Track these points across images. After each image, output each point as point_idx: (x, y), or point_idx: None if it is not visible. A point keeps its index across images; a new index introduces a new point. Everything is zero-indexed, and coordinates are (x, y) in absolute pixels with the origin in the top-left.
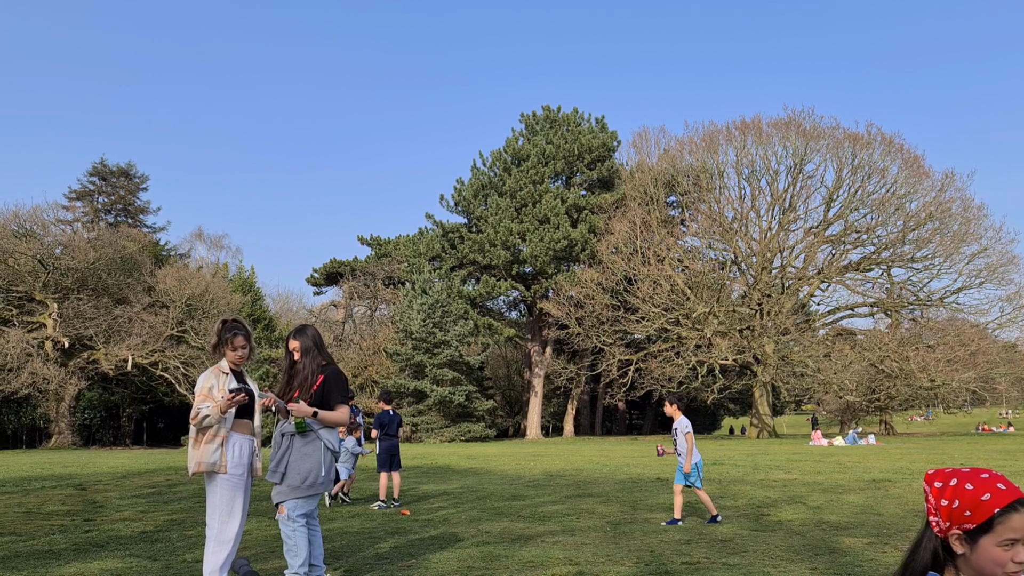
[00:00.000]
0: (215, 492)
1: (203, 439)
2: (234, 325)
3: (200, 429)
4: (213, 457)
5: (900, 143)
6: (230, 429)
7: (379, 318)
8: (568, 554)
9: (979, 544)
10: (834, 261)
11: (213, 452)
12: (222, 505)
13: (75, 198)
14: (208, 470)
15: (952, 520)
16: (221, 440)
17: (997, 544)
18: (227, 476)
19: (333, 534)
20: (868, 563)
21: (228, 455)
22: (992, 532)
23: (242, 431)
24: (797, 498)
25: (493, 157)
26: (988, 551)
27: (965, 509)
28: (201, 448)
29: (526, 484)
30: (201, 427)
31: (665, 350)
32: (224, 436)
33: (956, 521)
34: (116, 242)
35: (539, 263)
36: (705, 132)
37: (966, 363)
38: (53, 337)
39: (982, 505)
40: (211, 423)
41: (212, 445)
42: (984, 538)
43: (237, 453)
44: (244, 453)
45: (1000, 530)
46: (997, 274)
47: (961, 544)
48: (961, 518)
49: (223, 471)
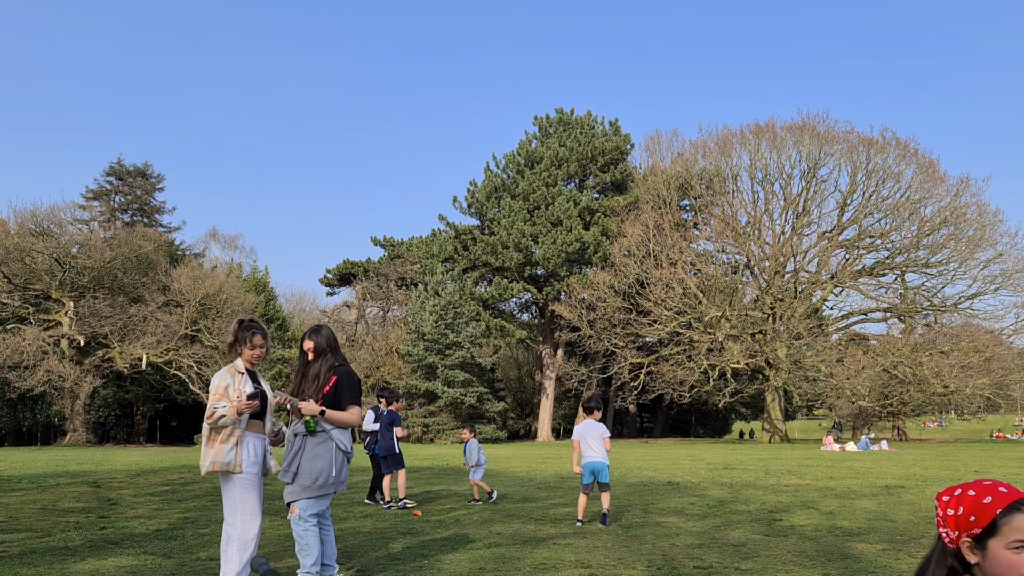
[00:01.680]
0: (234, 492)
1: (218, 438)
2: (252, 324)
3: (214, 428)
4: (228, 457)
5: (915, 148)
6: (244, 429)
7: (391, 319)
8: (580, 556)
9: (989, 548)
10: (848, 266)
11: (228, 452)
12: (243, 505)
13: (92, 197)
14: (223, 470)
15: (960, 528)
16: (236, 440)
17: (1006, 547)
18: (243, 475)
19: (345, 534)
20: (882, 569)
21: (243, 454)
22: (998, 534)
23: (255, 431)
24: (809, 503)
25: (506, 159)
26: (998, 554)
27: (970, 515)
28: (216, 447)
29: (537, 486)
30: (216, 426)
31: (677, 353)
32: (239, 436)
33: (963, 528)
34: (132, 241)
35: (551, 265)
36: (719, 136)
37: (980, 369)
38: (69, 335)
39: (985, 508)
40: (226, 423)
41: (227, 445)
42: (992, 541)
43: (252, 452)
44: (258, 452)
45: (1006, 531)
46: (1013, 280)
47: (972, 552)
48: (967, 524)
49: (238, 470)
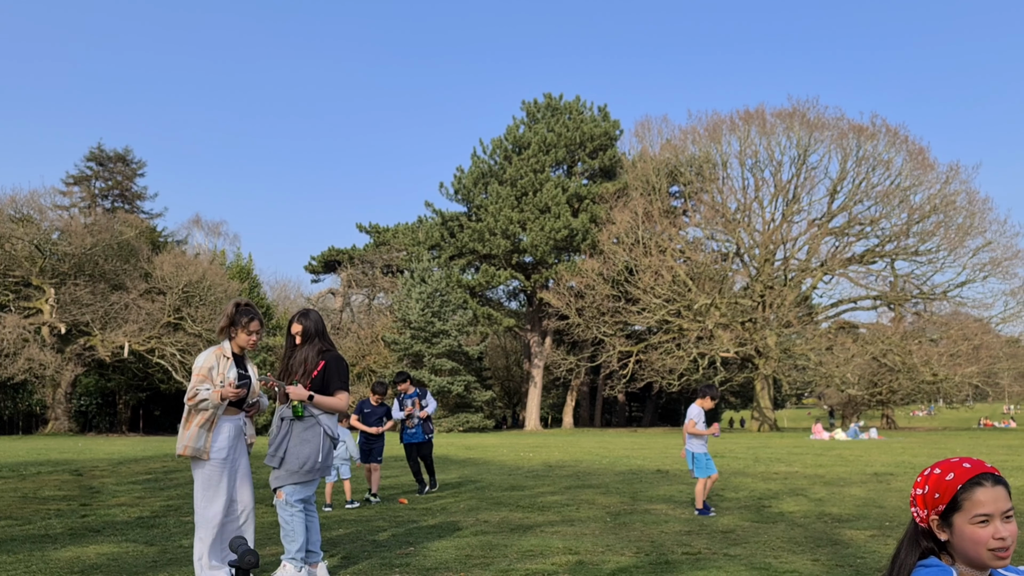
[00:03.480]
0: (198, 476)
1: (194, 421)
2: (248, 309)
3: (193, 409)
4: (199, 442)
5: (905, 135)
6: (221, 415)
7: (377, 307)
8: (568, 543)
9: (954, 525)
10: (837, 253)
11: (200, 437)
12: (205, 488)
13: (72, 183)
14: (192, 455)
15: (928, 507)
16: (211, 425)
17: (969, 522)
18: (210, 462)
19: (331, 522)
20: (870, 555)
21: (213, 440)
22: (961, 510)
23: (230, 412)
24: (798, 490)
25: (494, 145)
26: (963, 530)
27: (935, 492)
28: (191, 430)
29: (525, 475)
30: (196, 408)
31: (666, 342)
32: (214, 421)
33: (930, 507)
34: (113, 228)
35: (539, 252)
36: (708, 122)
37: (969, 358)
38: (50, 323)
39: (947, 485)
40: (208, 407)
41: (202, 429)
42: (956, 517)
43: (223, 438)
44: (231, 436)
45: (967, 506)
46: (1001, 268)
47: (941, 530)
48: (933, 502)
49: (205, 458)
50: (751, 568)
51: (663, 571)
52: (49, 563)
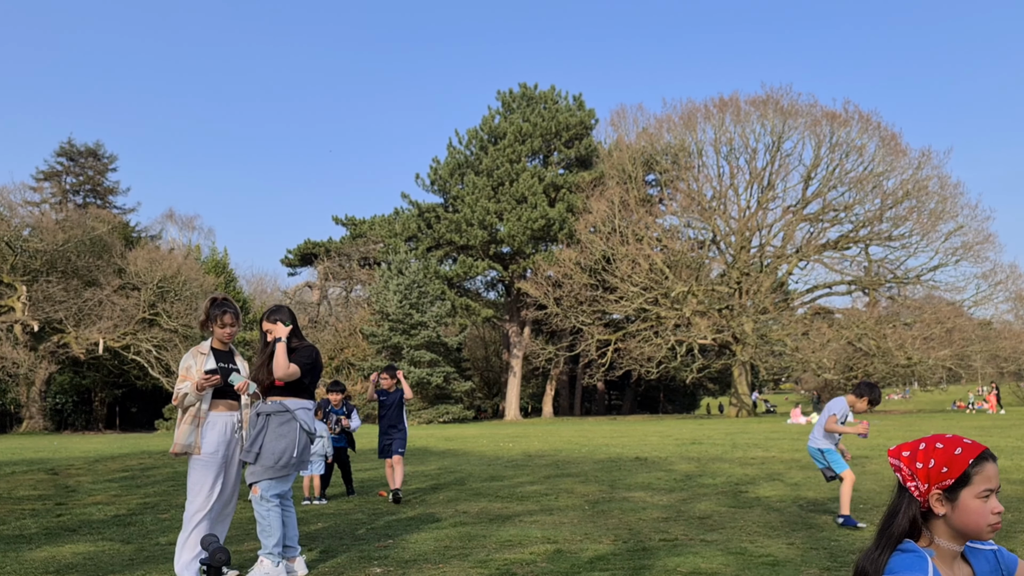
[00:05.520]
0: (191, 473)
1: (184, 419)
2: (223, 302)
3: (183, 408)
4: (188, 439)
5: (877, 121)
6: (208, 409)
7: (355, 299)
8: (546, 533)
9: (960, 499)
10: (812, 239)
11: (189, 434)
12: (195, 484)
13: (43, 179)
14: (182, 452)
15: (931, 480)
16: (199, 422)
17: (977, 496)
18: (200, 457)
19: (309, 516)
20: (844, 538)
21: (203, 436)
22: (970, 484)
23: (223, 409)
24: (775, 475)
25: (469, 135)
26: (969, 504)
27: (942, 466)
28: (181, 428)
29: (504, 465)
30: (183, 406)
31: (644, 330)
32: (202, 417)
33: (935, 480)
34: (85, 223)
35: (517, 243)
36: (683, 110)
37: (942, 340)
38: (22, 320)
39: (956, 459)
40: (191, 402)
41: (190, 426)
42: (964, 491)
43: (214, 434)
44: (225, 432)
45: (977, 480)
46: (973, 252)
47: (941, 504)
48: (939, 476)
49: (196, 453)
50: (727, 553)
51: (640, 558)
52: (24, 563)
